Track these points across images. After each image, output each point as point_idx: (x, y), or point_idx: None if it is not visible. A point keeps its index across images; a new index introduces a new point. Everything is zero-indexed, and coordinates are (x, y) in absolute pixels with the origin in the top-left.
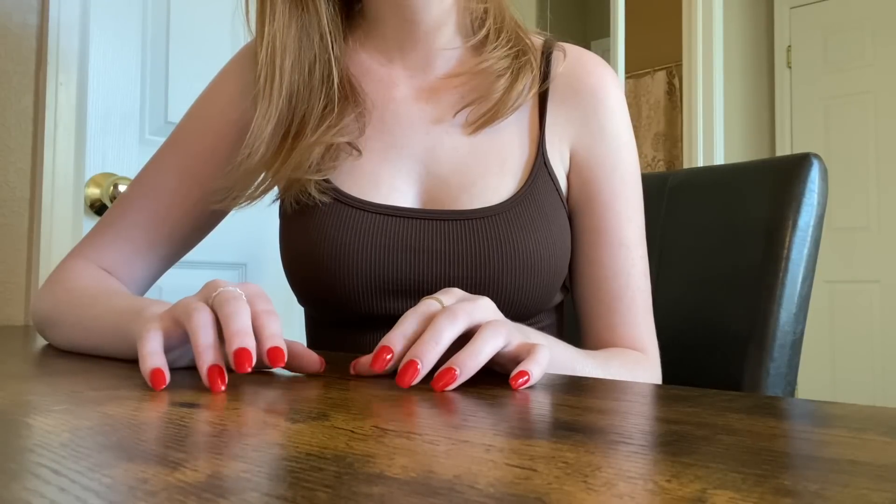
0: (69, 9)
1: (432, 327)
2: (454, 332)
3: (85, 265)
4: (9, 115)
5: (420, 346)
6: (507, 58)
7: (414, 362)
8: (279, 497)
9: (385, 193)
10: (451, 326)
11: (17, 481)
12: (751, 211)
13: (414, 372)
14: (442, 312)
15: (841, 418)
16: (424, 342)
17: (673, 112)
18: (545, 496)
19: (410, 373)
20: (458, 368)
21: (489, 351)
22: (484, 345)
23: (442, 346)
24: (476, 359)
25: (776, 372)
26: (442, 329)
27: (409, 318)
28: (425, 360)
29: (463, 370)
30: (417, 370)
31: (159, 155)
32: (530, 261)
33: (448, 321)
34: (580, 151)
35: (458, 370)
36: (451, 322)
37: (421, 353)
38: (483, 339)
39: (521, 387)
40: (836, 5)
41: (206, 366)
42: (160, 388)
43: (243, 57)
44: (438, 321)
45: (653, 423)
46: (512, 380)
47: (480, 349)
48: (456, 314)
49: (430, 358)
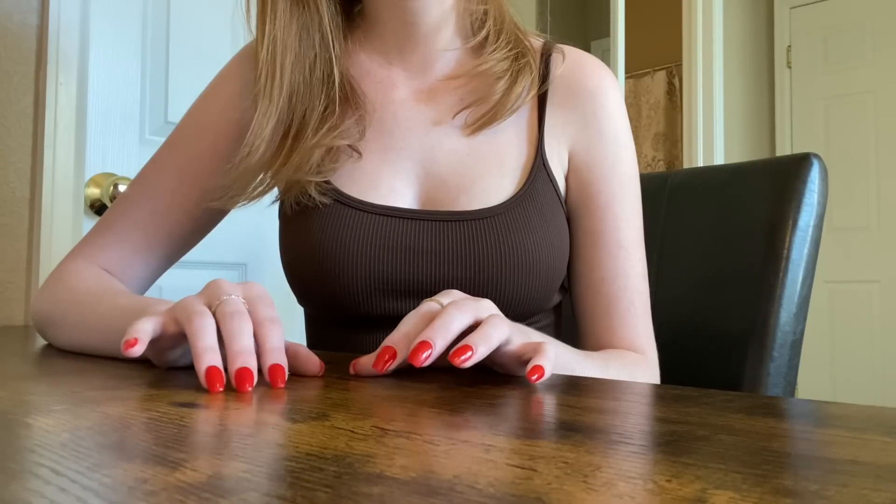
0: (69, 9)
1: (442, 316)
2: (463, 321)
3: (85, 265)
4: (9, 115)
5: (431, 330)
6: (507, 60)
7: (426, 343)
8: (279, 497)
9: (384, 194)
10: (460, 316)
11: (17, 481)
12: (751, 211)
13: (427, 350)
14: (450, 305)
15: (841, 418)
16: (435, 328)
17: (673, 112)
18: (545, 496)
19: (424, 351)
20: (473, 348)
21: (498, 337)
22: (493, 330)
23: (452, 332)
24: (487, 342)
25: (776, 372)
26: (452, 318)
27: (411, 319)
28: (437, 342)
29: (477, 350)
30: (429, 352)
31: (159, 155)
32: (529, 262)
33: (457, 311)
34: (579, 153)
35: (474, 349)
36: (460, 313)
37: (433, 335)
38: (492, 325)
39: (537, 381)
40: (836, 5)
41: (205, 367)
42: (128, 349)
43: (243, 57)
44: (448, 311)
45: (653, 423)
46: (528, 374)
47: (490, 334)
48: (465, 306)
49: (441, 342)
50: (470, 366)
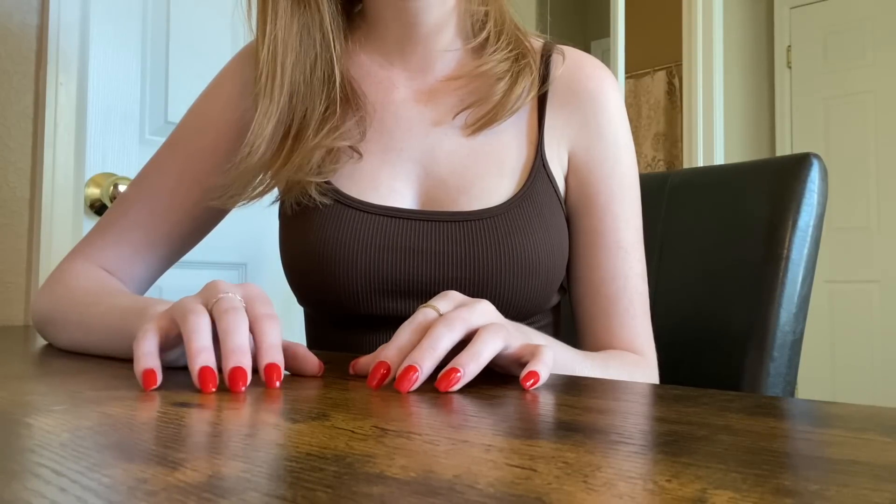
0: (69, 9)
1: (429, 335)
2: (451, 339)
3: (85, 265)
4: (9, 115)
5: (418, 352)
6: (507, 61)
7: (412, 368)
8: (279, 497)
9: (384, 195)
10: (448, 334)
11: (17, 481)
12: (751, 211)
13: (412, 377)
14: (438, 321)
15: (841, 418)
16: (422, 349)
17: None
18: (545, 496)
19: (409, 378)
20: (460, 369)
21: (489, 353)
22: (484, 347)
23: (439, 352)
24: (477, 361)
25: (776, 372)
26: (439, 337)
27: (405, 331)
28: (424, 366)
29: (465, 371)
30: (416, 376)
31: (159, 155)
32: (528, 262)
33: (445, 329)
34: (579, 154)
35: (461, 371)
36: (449, 329)
37: (419, 359)
38: (482, 341)
39: (532, 387)
40: (836, 5)
41: (198, 367)
42: (150, 388)
43: (243, 57)
44: (436, 329)
45: (653, 423)
46: (522, 381)
47: (480, 351)
48: (452, 322)
49: (427, 364)
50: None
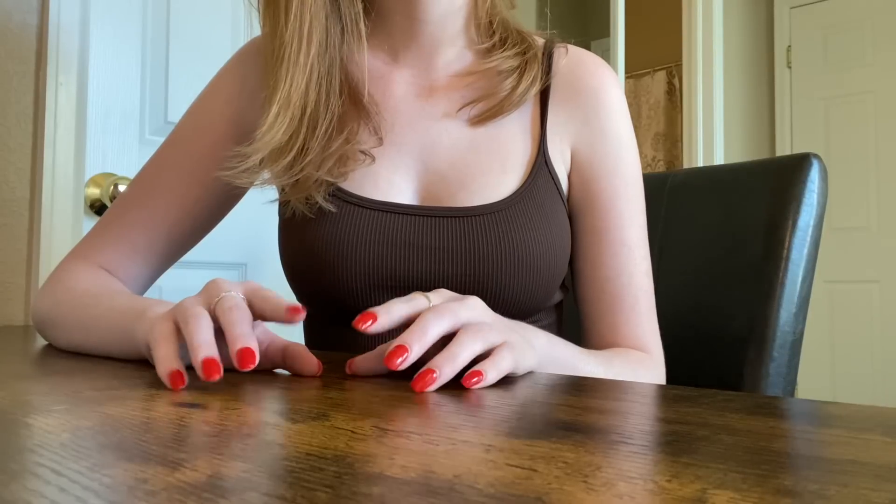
0: (69, 9)
1: (419, 321)
2: (439, 329)
3: (85, 265)
4: (9, 115)
5: (409, 334)
6: (515, 58)
7: (403, 346)
8: (279, 497)
9: (384, 190)
10: (437, 322)
11: (17, 481)
12: (751, 211)
13: (404, 354)
14: (429, 310)
15: (841, 418)
16: (412, 332)
17: (673, 112)
18: (545, 496)
19: (400, 355)
20: (436, 371)
21: (466, 356)
22: (461, 350)
23: (428, 338)
24: (453, 363)
25: (776, 372)
26: (428, 324)
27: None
28: (414, 347)
29: (441, 373)
30: (406, 352)
31: (158, 154)
32: (529, 259)
33: (435, 317)
34: (581, 151)
35: (437, 372)
36: (438, 319)
37: (410, 340)
38: (461, 343)
39: (473, 386)
40: (836, 5)
41: (201, 358)
42: (178, 388)
43: (243, 56)
44: (425, 317)
45: (653, 423)
46: (464, 379)
47: (458, 354)
48: (442, 312)
49: (417, 348)
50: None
